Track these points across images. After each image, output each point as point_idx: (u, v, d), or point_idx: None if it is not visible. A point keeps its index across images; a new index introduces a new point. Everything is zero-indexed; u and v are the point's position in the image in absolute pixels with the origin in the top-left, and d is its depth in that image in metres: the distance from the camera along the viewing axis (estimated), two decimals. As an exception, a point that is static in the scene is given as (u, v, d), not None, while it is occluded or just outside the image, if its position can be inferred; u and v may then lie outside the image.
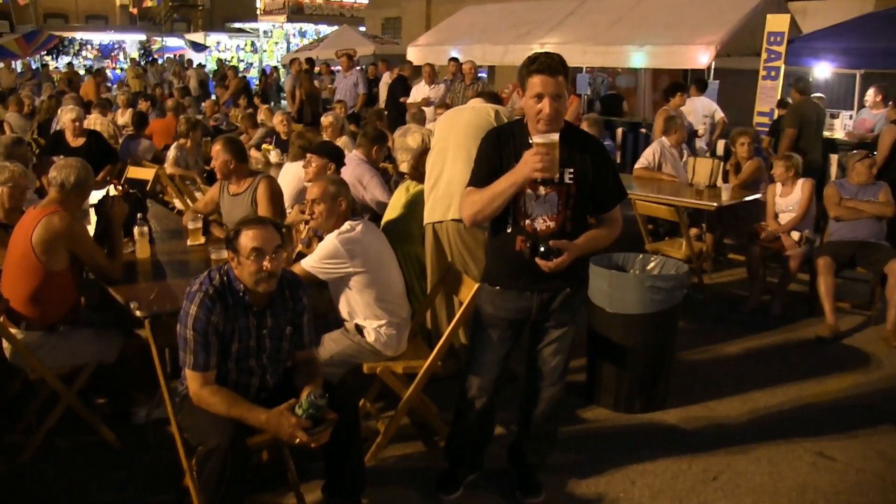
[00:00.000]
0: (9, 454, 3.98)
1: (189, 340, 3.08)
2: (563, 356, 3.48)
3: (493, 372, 3.51)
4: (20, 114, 11.67)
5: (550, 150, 3.04)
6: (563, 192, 3.20)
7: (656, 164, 7.56)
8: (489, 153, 3.30)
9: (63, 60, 29.45)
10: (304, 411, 2.98)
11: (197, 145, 8.06)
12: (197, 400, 3.12)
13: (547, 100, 3.06)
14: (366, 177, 5.63)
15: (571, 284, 3.35)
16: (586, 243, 3.24)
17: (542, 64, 3.07)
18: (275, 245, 3.12)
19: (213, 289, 3.11)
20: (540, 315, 3.39)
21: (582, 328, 4.64)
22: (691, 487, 3.83)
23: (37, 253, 3.84)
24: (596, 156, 3.24)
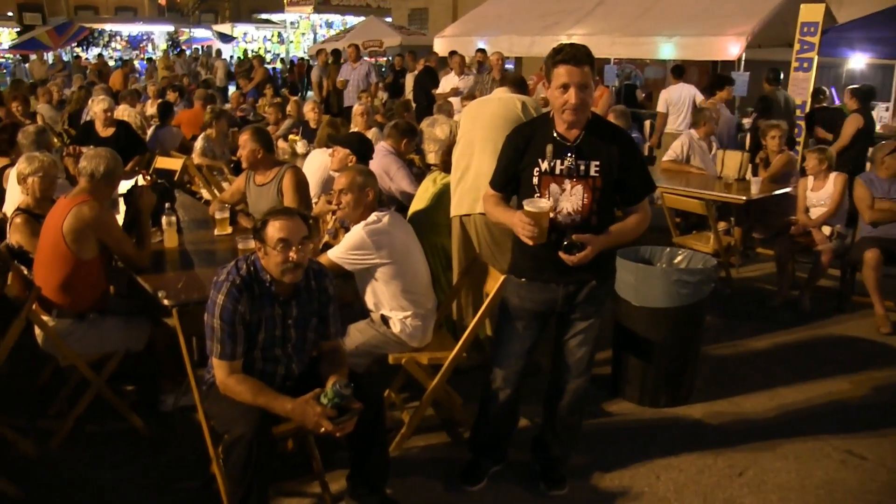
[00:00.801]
0: (41, 439, 4.04)
1: (216, 329, 3.10)
2: (588, 348, 3.47)
3: (517, 364, 3.51)
4: (50, 104, 11.82)
5: (538, 221, 3.06)
6: (588, 185, 3.18)
7: (684, 157, 7.50)
8: (509, 155, 3.32)
9: (93, 52, 29.72)
10: (329, 400, 3.00)
11: (223, 135, 8.11)
12: (223, 388, 3.15)
13: (573, 90, 3.05)
14: (393, 168, 5.63)
15: (597, 277, 3.34)
16: (612, 237, 3.23)
17: (567, 54, 3.06)
18: (301, 236, 3.14)
19: (240, 278, 3.13)
20: (565, 307, 3.38)
21: (608, 321, 4.64)
22: (717, 483, 3.80)
23: (67, 242, 3.89)
24: (623, 148, 3.21)
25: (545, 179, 3.21)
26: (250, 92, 15.01)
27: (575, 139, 3.18)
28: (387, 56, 20.52)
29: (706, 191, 6.62)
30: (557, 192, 3.20)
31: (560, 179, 3.19)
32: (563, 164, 3.18)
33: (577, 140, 3.18)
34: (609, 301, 3.52)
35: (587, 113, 3.15)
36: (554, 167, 3.20)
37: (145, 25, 34.35)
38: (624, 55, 12.66)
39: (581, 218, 3.21)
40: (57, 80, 16.69)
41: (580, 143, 3.18)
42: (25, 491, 3.61)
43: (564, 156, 3.18)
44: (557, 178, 3.19)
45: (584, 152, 3.18)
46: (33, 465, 3.87)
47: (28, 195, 4.50)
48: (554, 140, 3.20)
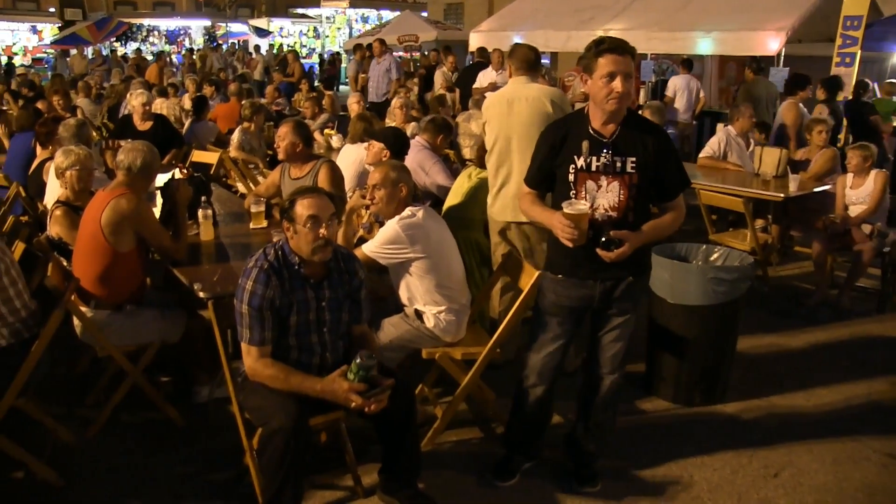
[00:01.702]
0: (79, 427, 4.11)
1: (244, 315, 3.13)
2: (623, 343, 3.45)
3: (552, 360, 3.50)
4: (90, 98, 12.00)
5: (578, 223, 3.05)
6: (625, 182, 3.16)
7: (721, 153, 7.42)
8: (545, 152, 3.31)
9: (131, 46, 30.10)
10: (355, 375, 3.03)
11: (260, 130, 8.17)
12: (252, 374, 3.17)
13: (619, 78, 3.03)
14: (428, 162, 5.64)
15: (633, 273, 3.32)
16: (648, 233, 3.21)
17: (611, 43, 3.06)
18: (330, 213, 3.19)
19: (268, 263, 3.16)
20: (602, 303, 3.37)
21: (642, 318, 4.60)
22: (751, 483, 3.76)
23: (105, 234, 3.94)
24: (659, 144, 3.18)
25: (581, 176, 3.19)
26: (282, 86, 15.08)
27: (611, 135, 3.16)
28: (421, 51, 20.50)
29: (743, 188, 6.54)
30: (594, 189, 3.18)
31: (596, 176, 3.17)
32: (599, 160, 3.16)
33: (614, 136, 3.16)
34: (644, 297, 3.48)
35: (628, 103, 3.13)
36: (590, 164, 3.17)
37: (183, 20, 34.64)
38: (661, 50, 12.50)
39: (617, 215, 3.18)
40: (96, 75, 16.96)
41: (616, 139, 3.16)
42: (64, 477, 3.68)
43: (601, 152, 3.15)
44: (594, 174, 3.17)
45: (620, 148, 3.15)
46: (71, 452, 3.93)
47: (66, 188, 4.57)
48: (590, 136, 3.18)
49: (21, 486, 3.67)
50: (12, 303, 3.46)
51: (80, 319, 3.95)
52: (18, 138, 6.91)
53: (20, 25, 31.38)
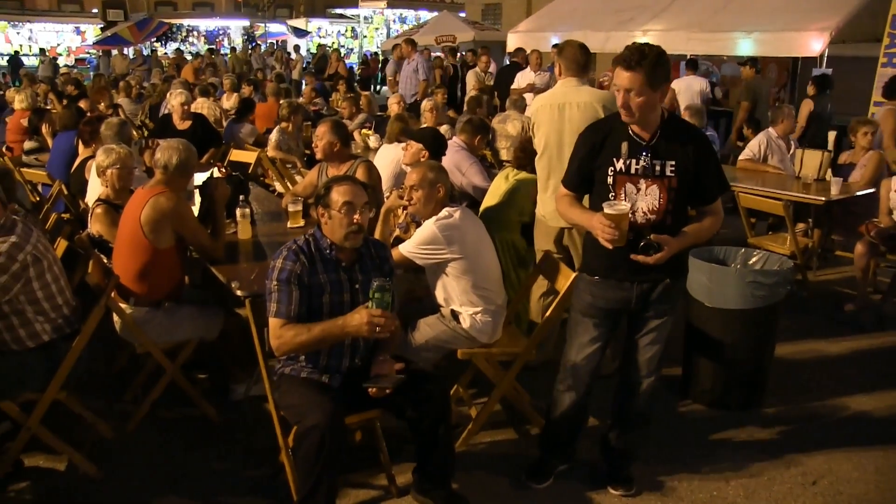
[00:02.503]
0: (117, 422, 4.17)
1: (272, 290, 3.19)
2: (659, 346, 3.43)
3: (588, 362, 3.48)
4: (130, 98, 12.18)
5: (618, 224, 3.04)
6: (664, 186, 3.14)
7: (761, 156, 7.32)
8: (584, 153, 3.30)
9: (171, 46, 30.50)
10: (372, 301, 3.06)
11: (298, 129, 8.22)
12: (278, 346, 3.18)
13: (622, 92, 3.04)
14: (465, 163, 5.63)
15: (671, 275, 3.30)
16: (688, 238, 3.19)
17: (621, 55, 3.05)
18: (363, 201, 3.27)
19: (297, 246, 3.25)
20: (639, 305, 3.35)
21: (679, 321, 4.56)
22: (788, 490, 3.70)
23: (145, 232, 4.00)
24: (698, 147, 3.16)
25: (620, 179, 3.18)
26: (319, 86, 15.18)
27: (651, 138, 3.14)
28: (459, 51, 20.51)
29: (784, 190, 6.44)
30: (633, 192, 3.16)
31: (636, 179, 3.16)
32: (638, 163, 3.14)
33: (653, 139, 3.14)
34: (681, 300, 3.45)
35: (647, 115, 3.10)
36: (629, 166, 3.16)
37: (222, 20, 35.04)
38: (700, 52, 12.36)
39: (656, 218, 3.17)
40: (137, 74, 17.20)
41: (656, 142, 3.14)
42: (102, 470, 3.74)
43: (640, 155, 3.14)
44: (633, 177, 3.16)
45: (659, 152, 3.13)
46: (110, 446, 3.99)
47: (107, 186, 4.64)
48: (630, 139, 3.16)
49: (62, 478, 3.74)
50: (55, 299, 3.51)
51: (119, 316, 4.00)
52: (61, 137, 7.03)
53: (64, 26, 32.00)
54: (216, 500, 3.60)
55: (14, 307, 3.38)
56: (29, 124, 8.10)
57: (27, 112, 8.65)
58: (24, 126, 8.41)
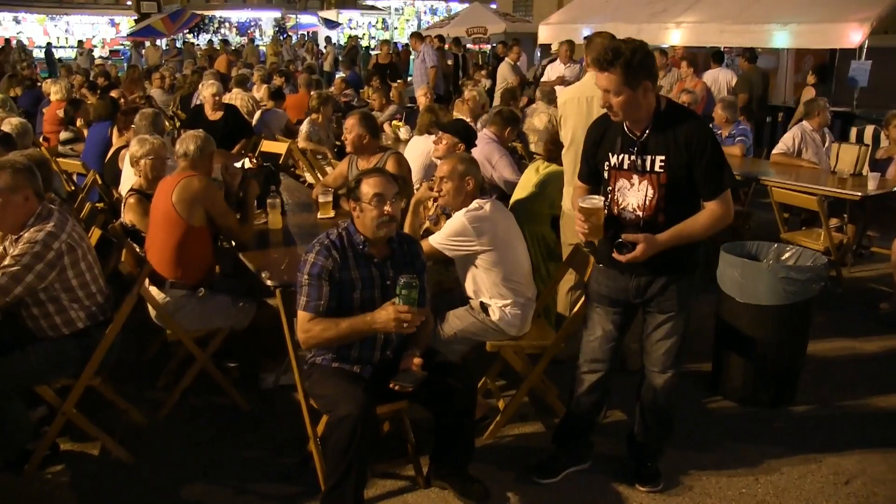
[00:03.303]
0: (148, 409, 4.22)
1: (303, 284, 3.21)
2: (672, 342, 3.40)
3: (600, 347, 3.50)
4: (163, 89, 12.28)
5: (588, 217, 3.06)
6: (653, 181, 3.12)
7: (795, 150, 7.21)
8: (587, 147, 3.36)
9: (203, 38, 30.73)
10: (399, 297, 3.08)
11: (328, 121, 8.25)
12: (305, 339, 3.21)
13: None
14: (495, 156, 5.62)
15: (669, 272, 3.27)
16: (671, 238, 3.12)
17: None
18: (394, 192, 3.29)
19: (329, 241, 3.26)
20: (638, 298, 3.35)
21: (709, 317, 4.52)
22: (820, 489, 3.65)
23: (178, 210, 4.09)
24: (693, 142, 3.07)
25: (614, 174, 3.20)
26: (351, 77, 15.21)
27: (641, 133, 3.13)
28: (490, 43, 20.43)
29: (818, 185, 6.35)
30: (626, 187, 3.18)
31: (628, 174, 3.17)
32: (629, 158, 3.15)
33: (644, 135, 3.13)
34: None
35: (634, 112, 3.08)
36: (622, 161, 3.17)
37: (253, 11, 35.22)
38: (734, 44, 12.18)
39: (647, 214, 3.15)
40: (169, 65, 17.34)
41: (646, 137, 3.13)
42: (134, 456, 3.79)
43: (631, 150, 3.14)
44: (625, 172, 3.17)
45: (648, 147, 3.12)
46: (141, 433, 4.05)
47: (140, 176, 4.69)
48: (623, 134, 3.17)
49: (95, 462, 3.80)
50: (89, 287, 3.57)
51: (151, 304, 4.06)
52: (95, 128, 7.12)
53: (99, 19, 32.38)
54: (245, 487, 3.63)
55: (50, 295, 3.44)
56: (65, 115, 8.21)
57: (63, 103, 8.76)
58: (60, 117, 8.53)
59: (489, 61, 18.46)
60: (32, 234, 3.36)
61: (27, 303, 3.43)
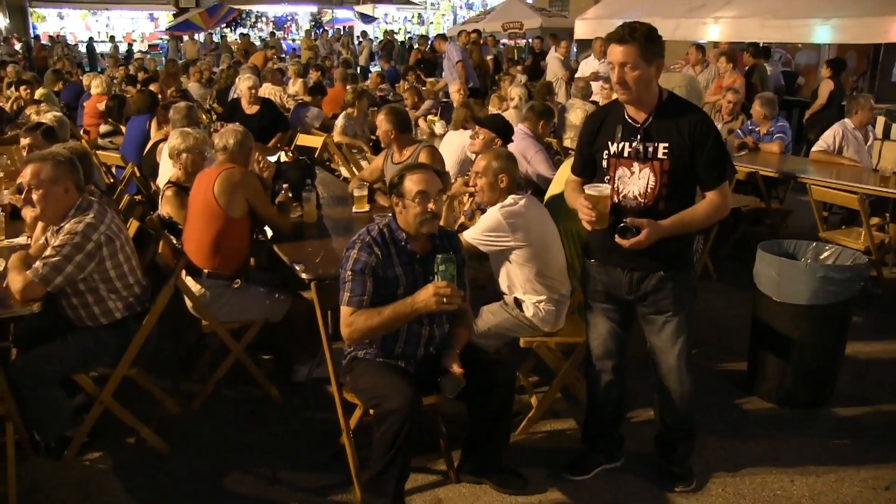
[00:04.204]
0: (183, 399, 4.28)
1: (346, 280, 3.20)
2: (678, 345, 3.36)
3: (604, 344, 3.48)
4: (200, 83, 12.40)
5: (595, 205, 3.05)
6: (656, 169, 3.11)
7: (836, 148, 7.09)
8: (584, 138, 3.34)
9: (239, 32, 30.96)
10: (438, 275, 3.08)
11: (363, 115, 8.27)
12: (349, 333, 3.18)
13: (616, 68, 3.03)
14: (530, 151, 5.60)
15: (666, 267, 3.23)
16: (674, 225, 3.11)
17: (615, 32, 3.05)
18: (437, 188, 3.28)
19: (371, 238, 3.25)
20: (632, 294, 3.32)
21: (744, 316, 4.46)
22: (858, 494, 3.59)
23: (219, 202, 4.13)
24: (696, 130, 3.08)
25: (613, 162, 3.18)
26: (388, 72, 15.24)
27: (644, 121, 3.12)
28: (526, 38, 20.35)
29: (859, 184, 6.24)
30: (625, 175, 3.16)
31: (628, 162, 3.14)
32: (630, 146, 3.13)
33: (646, 122, 3.12)
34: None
35: (644, 94, 3.08)
36: (622, 149, 3.15)
37: (290, 6, 35.36)
38: (774, 39, 12.02)
39: (647, 203, 3.13)
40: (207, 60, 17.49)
41: (649, 124, 3.11)
42: (168, 445, 3.85)
43: (632, 137, 3.12)
44: (625, 160, 3.15)
45: (652, 133, 3.10)
46: (176, 422, 4.10)
47: (180, 169, 4.74)
48: (623, 122, 3.16)
49: (132, 450, 3.86)
50: (126, 278, 3.62)
51: (187, 295, 4.10)
52: (134, 121, 7.21)
53: (139, 13, 32.83)
54: (278, 478, 3.66)
55: (89, 285, 3.50)
56: (107, 109, 8.33)
57: (104, 96, 8.89)
58: (101, 110, 8.65)
59: (525, 56, 18.38)
60: (73, 225, 3.42)
61: (67, 293, 3.49)
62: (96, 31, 31.46)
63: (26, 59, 21.55)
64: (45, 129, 5.13)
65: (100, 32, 31.52)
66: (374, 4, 34.94)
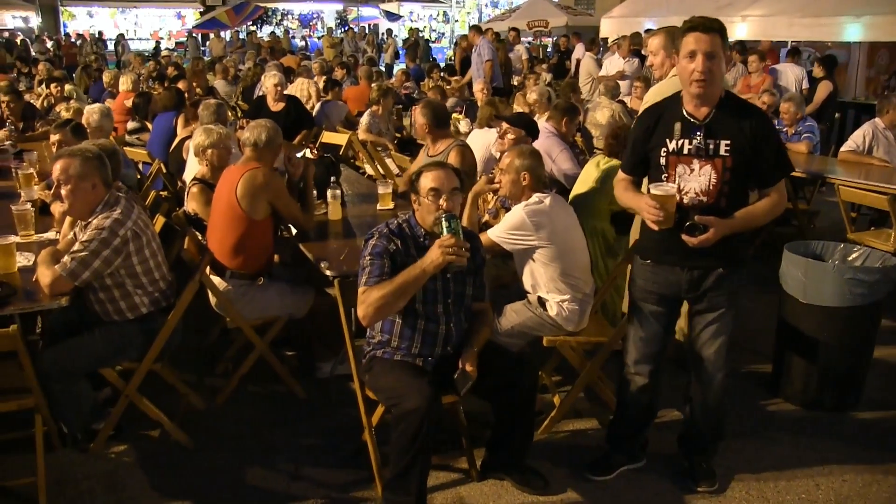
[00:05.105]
0: (207, 394, 4.31)
1: (365, 265, 3.21)
2: (721, 340, 3.34)
3: (646, 347, 3.44)
4: (226, 80, 12.48)
5: (664, 205, 3.00)
6: (717, 166, 3.07)
7: (866, 148, 6.99)
8: (638, 135, 3.27)
9: (266, 30, 31.15)
10: (442, 230, 3.09)
11: (388, 112, 8.28)
12: (365, 309, 3.14)
13: (700, 57, 2.97)
14: (555, 149, 5.58)
15: (725, 264, 3.21)
16: (738, 221, 3.10)
17: (695, 21, 3.00)
18: (452, 186, 3.27)
19: (389, 229, 3.27)
20: (690, 293, 3.28)
21: (770, 317, 4.42)
22: (887, 499, 3.54)
23: (241, 204, 4.13)
24: (757, 127, 3.06)
25: (672, 160, 3.13)
26: (413, 70, 15.26)
27: (705, 117, 3.08)
28: (552, 37, 20.28)
29: (889, 184, 6.15)
30: (685, 173, 3.11)
31: (688, 160, 3.10)
32: (691, 143, 3.08)
33: (707, 118, 3.07)
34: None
35: (716, 87, 3.04)
36: (682, 147, 3.11)
37: (316, 4, 35.50)
38: (803, 37, 11.87)
39: (708, 200, 3.10)
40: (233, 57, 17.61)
41: (710, 121, 3.07)
42: (192, 440, 3.88)
43: (693, 135, 3.08)
44: (685, 158, 3.10)
45: (713, 131, 3.06)
46: (200, 417, 4.13)
47: (205, 166, 4.77)
48: (683, 118, 3.11)
49: (156, 444, 3.90)
50: (152, 273, 3.65)
51: (212, 291, 4.13)
52: (161, 118, 7.26)
53: (166, 11, 33.17)
54: (300, 473, 3.68)
55: (115, 280, 3.53)
56: (133, 106, 8.40)
57: (131, 94, 8.97)
58: (128, 107, 8.73)
59: (550, 55, 18.32)
60: (100, 220, 3.45)
61: (94, 287, 3.53)
62: (124, 28, 31.82)
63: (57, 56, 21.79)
64: (75, 126, 5.19)
65: (128, 30, 31.88)
66: (399, 2, 35.01)
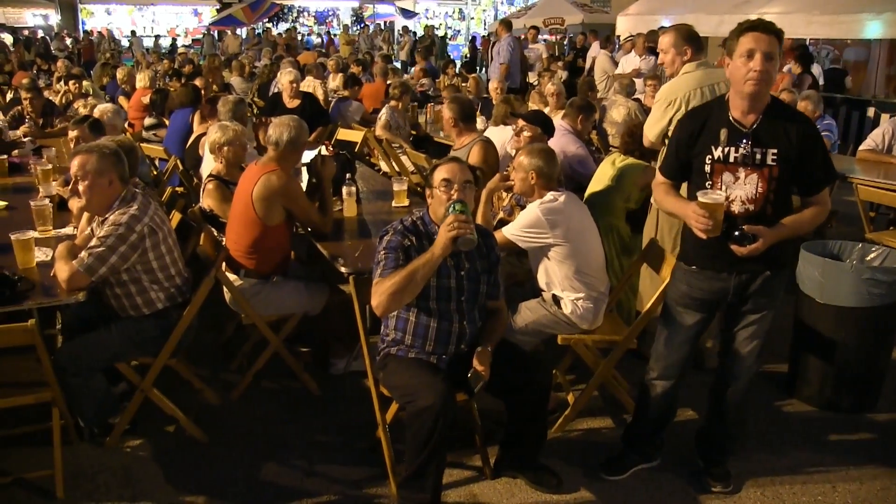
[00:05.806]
0: (222, 390, 4.33)
1: (380, 259, 3.21)
2: (758, 341, 3.32)
3: (679, 353, 3.42)
4: (242, 77, 12.53)
5: (713, 213, 2.95)
6: (764, 175, 3.02)
7: (885, 147, 6.93)
8: (682, 140, 3.20)
9: (282, 27, 31.22)
10: (451, 211, 3.10)
11: (405, 109, 8.28)
12: (378, 298, 3.12)
13: (759, 56, 2.90)
14: (570, 147, 5.57)
15: (772, 267, 3.18)
16: (786, 229, 3.07)
17: (755, 22, 2.96)
18: (464, 179, 3.28)
19: (404, 226, 3.28)
20: (736, 297, 3.25)
21: (787, 317, 4.39)
22: (904, 502, 3.52)
23: (256, 209, 4.12)
24: (804, 135, 3.01)
25: (718, 167, 3.07)
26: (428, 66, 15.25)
27: (752, 125, 3.02)
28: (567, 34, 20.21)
29: (908, 184, 6.10)
30: (731, 181, 3.06)
31: (734, 168, 3.05)
32: (737, 151, 3.03)
33: (754, 125, 3.02)
34: (782, 293, 3.32)
35: (767, 92, 3.00)
36: (728, 154, 3.05)
37: (332, 1, 35.56)
38: (822, 35, 11.77)
39: (755, 208, 3.05)
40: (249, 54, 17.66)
41: (757, 128, 3.02)
42: (207, 435, 3.90)
43: (740, 142, 3.02)
44: (731, 166, 3.05)
45: (761, 139, 3.01)
46: (215, 412, 4.15)
47: (221, 162, 4.78)
48: (729, 125, 3.05)
49: (171, 438, 3.92)
50: (168, 269, 3.67)
51: (228, 288, 4.14)
52: (178, 114, 7.30)
53: (183, 8, 33.34)
54: (314, 469, 3.69)
55: (132, 275, 3.55)
56: (150, 103, 8.45)
57: (148, 90, 9.02)
58: (145, 104, 8.79)
59: (566, 52, 18.27)
60: (117, 216, 3.47)
61: (111, 283, 3.56)
62: (141, 25, 32.01)
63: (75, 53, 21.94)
64: (92, 122, 5.22)
65: (145, 28, 32.07)
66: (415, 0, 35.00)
